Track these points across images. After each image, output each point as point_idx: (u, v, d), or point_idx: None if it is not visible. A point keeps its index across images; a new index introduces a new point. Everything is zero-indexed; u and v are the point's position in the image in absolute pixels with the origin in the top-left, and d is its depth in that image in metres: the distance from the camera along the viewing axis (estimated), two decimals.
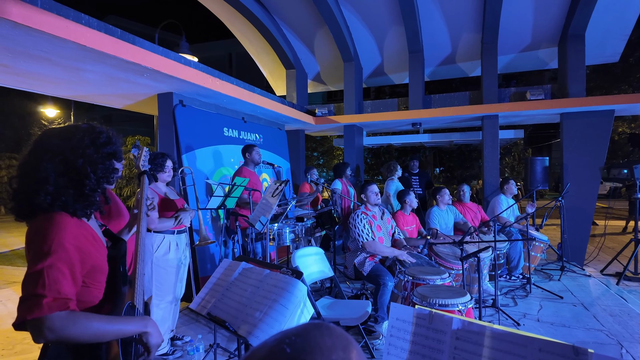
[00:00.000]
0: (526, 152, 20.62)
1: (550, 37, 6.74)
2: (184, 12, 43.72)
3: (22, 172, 1.14)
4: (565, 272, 5.34)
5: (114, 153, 1.24)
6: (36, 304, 0.97)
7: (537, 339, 1.11)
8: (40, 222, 1.08)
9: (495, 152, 6.57)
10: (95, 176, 1.17)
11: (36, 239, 1.06)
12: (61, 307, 0.99)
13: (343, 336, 0.46)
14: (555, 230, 9.34)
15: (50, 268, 1.01)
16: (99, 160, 1.19)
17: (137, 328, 1.15)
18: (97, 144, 1.20)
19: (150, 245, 2.95)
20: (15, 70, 3.37)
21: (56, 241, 1.04)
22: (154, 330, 1.18)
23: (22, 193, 1.11)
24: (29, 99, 18.37)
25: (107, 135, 1.24)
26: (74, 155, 1.15)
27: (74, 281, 1.06)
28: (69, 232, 1.08)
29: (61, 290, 1.01)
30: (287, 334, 0.45)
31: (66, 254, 1.05)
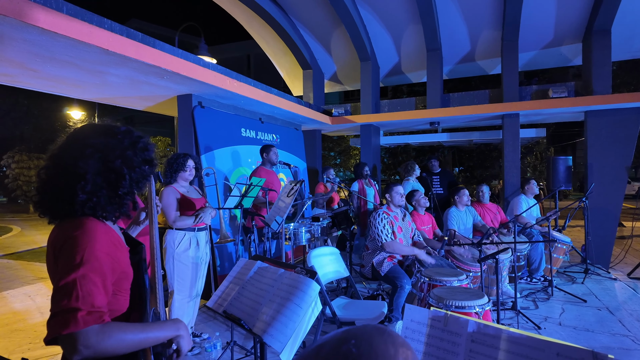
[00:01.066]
0: (548, 151, 20.07)
1: (574, 33, 6.54)
2: (203, 14, 44.45)
3: (56, 165, 1.08)
4: (590, 275, 5.17)
5: (151, 160, 1.21)
6: (71, 318, 0.92)
7: (555, 343, 1.09)
8: (69, 230, 1.03)
9: (516, 151, 6.43)
10: (131, 179, 1.14)
11: (67, 248, 1.00)
12: (96, 320, 0.95)
13: (405, 345, 0.47)
14: (579, 232, 9.07)
15: (84, 279, 0.96)
16: (136, 163, 1.16)
17: (171, 333, 1.11)
18: (137, 147, 1.17)
19: (172, 241, 3.03)
20: (44, 74, 3.50)
21: (88, 250, 1.00)
22: (186, 333, 1.15)
23: (55, 187, 1.06)
24: (55, 102, 19.05)
25: (145, 141, 1.22)
26: (113, 155, 1.11)
27: (105, 292, 1.02)
28: (100, 241, 1.03)
29: (95, 302, 0.96)
30: (352, 334, 0.46)
31: (98, 263, 1.00)
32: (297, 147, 6.66)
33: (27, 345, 3.30)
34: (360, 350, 0.43)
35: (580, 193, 19.00)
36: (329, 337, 0.47)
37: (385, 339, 0.46)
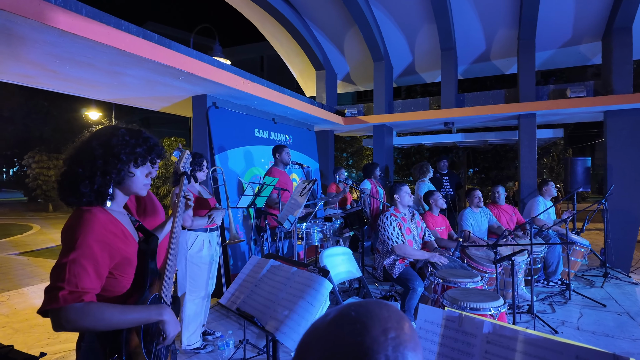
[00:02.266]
0: (566, 152, 19.64)
1: (593, 31, 6.39)
2: (217, 17, 44.96)
3: (66, 165, 1.26)
4: (609, 278, 5.04)
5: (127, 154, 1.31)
6: (54, 296, 1.06)
7: (574, 345, 1.06)
8: (70, 220, 1.18)
9: (532, 152, 6.31)
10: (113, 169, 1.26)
11: (66, 234, 1.15)
12: (75, 299, 1.06)
13: (398, 312, 0.55)
14: (598, 235, 8.84)
15: (73, 263, 1.09)
16: (124, 156, 1.27)
17: (152, 316, 1.20)
18: (121, 143, 1.28)
19: (185, 242, 3.05)
20: (63, 75, 3.59)
21: (81, 238, 1.12)
22: (170, 318, 1.23)
23: (67, 181, 1.22)
24: (74, 103, 19.51)
25: (147, 136, 1.35)
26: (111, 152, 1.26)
27: (97, 275, 1.14)
28: (95, 230, 1.15)
29: (79, 284, 1.08)
30: (353, 303, 0.56)
31: (90, 250, 1.12)
32: (310, 147, 6.66)
33: (46, 340, 3.38)
34: (358, 312, 0.52)
35: (599, 195, 18.55)
36: (337, 306, 0.56)
37: (381, 306, 0.54)
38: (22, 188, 22.59)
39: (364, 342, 0.48)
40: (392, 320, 0.52)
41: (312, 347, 0.50)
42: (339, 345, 0.48)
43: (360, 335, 0.48)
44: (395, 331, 0.50)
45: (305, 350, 0.51)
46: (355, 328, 0.49)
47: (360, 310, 0.52)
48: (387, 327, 0.50)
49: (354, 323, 0.50)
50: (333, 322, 0.52)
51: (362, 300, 0.55)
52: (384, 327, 0.50)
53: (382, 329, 0.49)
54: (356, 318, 0.51)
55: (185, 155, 1.72)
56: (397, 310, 0.55)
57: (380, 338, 0.48)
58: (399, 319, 0.53)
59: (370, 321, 0.50)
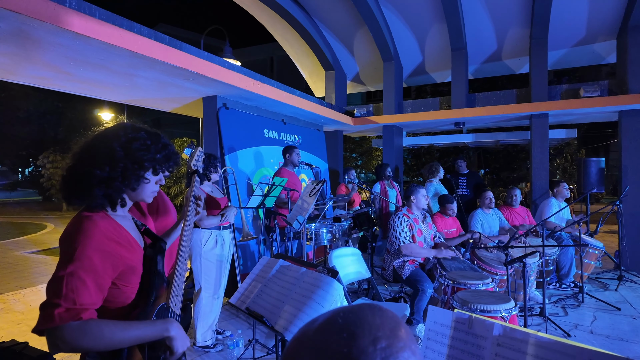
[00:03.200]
0: (579, 153, 19.32)
1: (608, 29, 6.27)
2: (228, 18, 45.32)
3: (72, 164, 1.18)
4: (624, 281, 4.94)
5: (145, 159, 1.23)
6: (49, 314, 0.96)
7: (587, 349, 1.05)
8: (69, 227, 1.09)
9: (544, 152, 6.22)
10: (124, 175, 1.18)
11: (64, 244, 1.06)
12: (73, 317, 0.97)
13: (392, 319, 0.50)
14: (613, 237, 8.67)
15: (71, 276, 0.99)
16: (137, 159, 1.20)
17: (157, 332, 1.08)
18: (134, 144, 1.20)
19: (199, 240, 3.09)
20: (77, 77, 3.65)
21: (80, 249, 1.02)
22: (177, 333, 1.10)
23: (71, 183, 1.16)
24: (87, 104, 19.84)
25: (142, 136, 1.23)
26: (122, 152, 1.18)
27: (98, 288, 1.04)
28: (96, 239, 1.05)
29: (77, 299, 0.98)
30: (343, 309, 0.51)
31: (89, 261, 1.02)
32: (319, 148, 6.67)
33: None
34: (346, 320, 0.48)
35: (613, 197, 18.20)
36: (328, 311, 0.52)
37: (374, 312, 0.50)
38: (37, 187, 23.06)
39: (350, 354, 0.44)
40: (384, 328, 0.47)
41: (299, 354, 0.47)
42: (324, 356, 0.45)
43: (347, 345, 0.44)
44: (386, 340, 0.46)
45: (292, 357, 0.47)
46: (341, 337, 0.45)
47: (349, 317, 0.48)
48: (378, 336, 0.46)
49: (341, 332, 0.46)
50: (319, 329, 0.48)
51: (355, 305, 0.51)
52: (374, 336, 0.46)
53: (371, 338, 0.45)
54: (344, 326, 0.47)
55: (197, 153, 1.64)
56: (393, 316, 0.51)
57: (369, 348, 0.44)
58: (393, 327, 0.48)
59: (359, 330, 0.46)
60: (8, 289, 5.07)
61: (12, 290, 5.01)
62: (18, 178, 30.44)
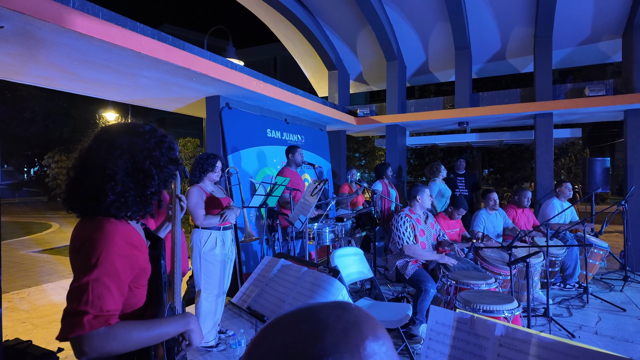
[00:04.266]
0: (584, 152, 19.19)
1: (613, 28, 6.23)
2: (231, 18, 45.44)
3: (85, 164, 1.10)
4: (629, 282, 4.89)
5: (176, 159, 1.22)
6: (78, 322, 0.94)
7: (590, 350, 1.04)
8: (88, 231, 1.05)
9: (549, 152, 6.18)
10: (159, 179, 1.15)
11: (84, 250, 1.02)
12: (102, 324, 0.96)
13: (359, 321, 0.45)
14: (618, 237, 8.60)
15: (96, 282, 0.98)
16: (163, 163, 1.16)
17: (180, 328, 1.12)
18: (163, 147, 1.17)
19: (199, 240, 3.09)
20: (81, 77, 3.68)
21: (104, 254, 1.01)
22: (196, 327, 1.16)
23: (83, 186, 1.08)
24: (92, 104, 19.95)
25: (170, 140, 1.22)
26: (141, 156, 1.12)
27: (120, 294, 1.03)
28: (117, 243, 1.04)
29: (104, 306, 0.97)
30: (307, 306, 0.47)
31: (113, 267, 1.01)
32: (322, 147, 6.67)
33: None
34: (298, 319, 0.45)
35: (619, 197, 18.06)
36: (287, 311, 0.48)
37: (335, 312, 0.45)
38: (42, 187, 23.23)
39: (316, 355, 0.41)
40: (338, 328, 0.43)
41: (251, 351, 0.44)
42: None
43: (311, 346, 0.42)
44: None
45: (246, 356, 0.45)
46: (307, 340, 0.42)
47: (309, 321, 0.44)
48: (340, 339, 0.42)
49: (306, 336, 0.43)
50: (280, 337, 0.44)
51: (317, 307, 0.47)
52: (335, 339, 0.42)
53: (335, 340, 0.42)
54: (308, 331, 0.43)
55: None
56: (358, 317, 0.46)
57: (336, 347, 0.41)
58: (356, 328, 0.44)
59: (324, 332, 0.43)
60: (13, 288, 5.11)
61: (17, 289, 5.05)
62: (24, 178, 30.69)
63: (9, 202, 23.87)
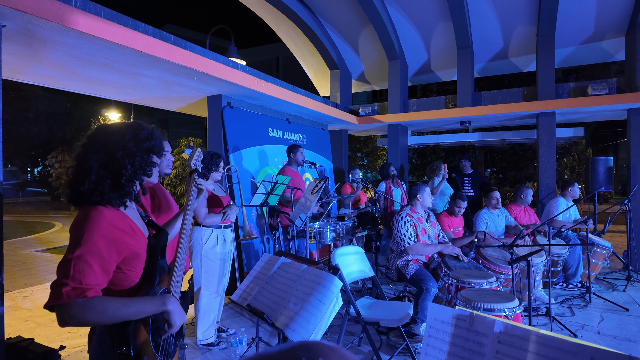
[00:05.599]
0: (587, 152, 19.10)
1: (616, 26, 6.19)
2: (234, 19, 45.50)
3: (75, 163, 1.26)
4: (632, 282, 4.87)
5: (152, 148, 1.32)
6: (58, 293, 1.06)
7: (589, 346, 1.03)
8: (77, 217, 1.19)
9: (551, 151, 6.16)
10: (133, 168, 1.26)
11: (73, 231, 1.16)
12: (78, 295, 1.07)
13: None
14: (621, 237, 8.57)
15: (78, 259, 1.10)
16: (137, 153, 1.27)
17: (156, 307, 1.20)
18: (138, 138, 1.29)
19: (200, 238, 3.10)
20: (83, 76, 3.69)
21: (86, 235, 1.13)
22: (174, 307, 1.22)
23: (72, 181, 1.23)
24: (95, 104, 20.03)
25: (148, 131, 1.33)
26: (115, 148, 1.24)
27: (103, 271, 1.14)
28: (101, 227, 1.16)
29: (83, 280, 1.09)
30: (301, 346, 0.44)
31: (95, 247, 1.13)
32: (324, 147, 6.67)
33: (66, 335, 3.48)
34: None
35: (622, 197, 17.97)
36: None
37: None
38: (44, 187, 23.33)
39: None
40: None
41: None
42: None
43: None
44: None
45: None
46: None
47: None
48: None
49: None
50: None
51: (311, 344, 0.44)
52: None
53: None
54: None
55: (196, 153, 1.75)
56: None
57: None
58: None
59: None
60: (16, 287, 5.13)
61: (20, 288, 5.08)
62: (27, 177, 30.86)
63: (12, 202, 23.99)
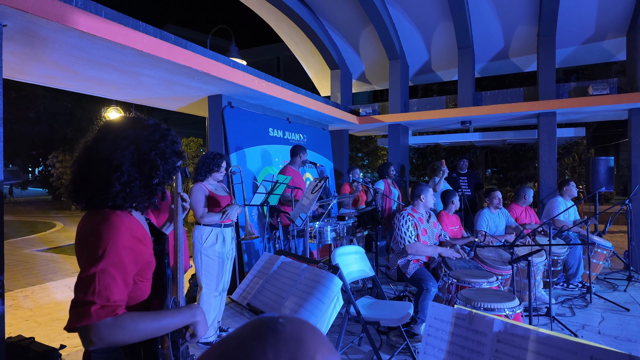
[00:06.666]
0: (588, 152, 19.06)
1: (618, 26, 6.18)
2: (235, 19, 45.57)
3: (91, 156, 1.11)
4: (633, 282, 4.86)
5: (180, 152, 1.24)
6: (85, 312, 0.96)
7: (589, 345, 1.03)
8: (95, 223, 1.06)
9: (552, 151, 6.15)
10: (164, 171, 1.17)
11: (91, 241, 1.04)
12: (108, 314, 0.98)
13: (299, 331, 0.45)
14: (622, 237, 8.55)
15: (103, 273, 0.99)
16: (168, 155, 1.19)
17: (186, 319, 1.13)
18: (167, 139, 1.20)
19: (200, 237, 3.10)
20: (84, 76, 3.69)
21: (110, 245, 1.02)
22: (202, 318, 1.17)
23: (89, 178, 1.10)
24: (96, 104, 20.04)
25: (173, 134, 1.25)
26: (147, 147, 1.14)
27: (125, 285, 1.04)
28: (123, 235, 1.05)
29: (110, 297, 0.99)
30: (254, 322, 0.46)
31: (119, 258, 1.03)
32: (324, 147, 6.67)
33: (67, 334, 3.49)
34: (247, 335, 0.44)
35: (623, 197, 17.95)
36: None
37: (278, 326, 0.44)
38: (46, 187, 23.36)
39: None
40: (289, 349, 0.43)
41: None
42: None
43: None
44: None
45: None
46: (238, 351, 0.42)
47: (250, 344, 0.44)
48: None
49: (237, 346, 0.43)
50: (217, 345, 0.45)
51: (264, 318, 0.47)
52: None
53: None
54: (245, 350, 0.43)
55: None
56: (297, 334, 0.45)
57: None
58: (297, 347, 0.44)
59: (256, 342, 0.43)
60: (17, 286, 5.14)
61: (21, 287, 5.09)
62: (28, 177, 30.91)
63: (13, 202, 24.04)
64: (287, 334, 0.44)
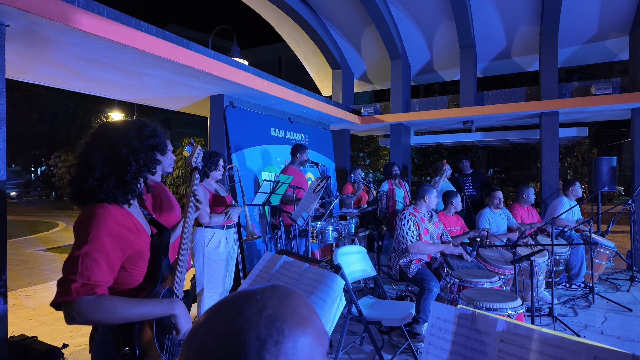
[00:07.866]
0: (591, 152, 19.00)
1: (620, 26, 6.16)
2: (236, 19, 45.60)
3: (78, 161, 1.25)
4: (636, 282, 4.84)
5: (157, 145, 1.33)
6: (67, 289, 1.05)
7: (593, 345, 1.03)
8: (83, 214, 1.19)
9: (554, 151, 6.13)
10: (137, 165, 1.26)
11: (79, 228, 1.16)
12: (88, 292, 1.06)
13: (284, 291, 0.51)
14: (625, 237, 8.52)
15: (86, 256, 1.09)
16: (142, 150, 1.28)
17: (163, 310, 1.20)
18: (142, 135, 1.29)
19: (202, 239, 3.09)
20: (86, 76, 3.70)
21: (93, 232, 1.12)
22: (181, 311, 1.23)
23: (75, 179, 1.22)
24: (98, 104, 20.10)
25: (152, 129, 1.33)
26: (119, 145, 1.24)
27: (109, 269, 1.14)
28: (107, 224, 1.15)
29: (91, 277, 1.08)
30: (236, 292, 0.52)
31: (102, 244, 1.12)
32: (326, 146, 6.67)
33: (69, 333, 3.50)
34: (234, 300, 0.49)
35: (626, 197, 17.88)
36: None
37: (264, 289, 0.50)
38: (48, 187, 23.43)
39: (235, 325, 0.45)
40: (273, 298, 0.48)
41: (189, 341, 0.48)
42: (212, 332, 0.46)
43: (232, 319, 0.46)
44: (272, 308, 0.47)
45: (185, 346, 0.48)
46: (229, 314, 0.47)
47: (236, 297, 0.49)
48: (264, 306, 0.47)
49: (228, 309, 0.47)
50: (209, 313, 0.49)
51: (249, 289, 0.51)
52: (260, 307, 0.47)
53: (257, 309, 0.46)
54: (231, 303, 0.48)
55: (196, 151, 1.72)
56: (285, 289, 0.51)
57: (254, 317, 0.45)
58: (282, 297, 0.49)
59: (245, 303, 0.47)
60: (20, 286, 5.16)
61: (23, 287, 5.10)
62: (31, 177, 31.01)
63: (15, 202, 24.12)
64: (274, 292, 0.50)
